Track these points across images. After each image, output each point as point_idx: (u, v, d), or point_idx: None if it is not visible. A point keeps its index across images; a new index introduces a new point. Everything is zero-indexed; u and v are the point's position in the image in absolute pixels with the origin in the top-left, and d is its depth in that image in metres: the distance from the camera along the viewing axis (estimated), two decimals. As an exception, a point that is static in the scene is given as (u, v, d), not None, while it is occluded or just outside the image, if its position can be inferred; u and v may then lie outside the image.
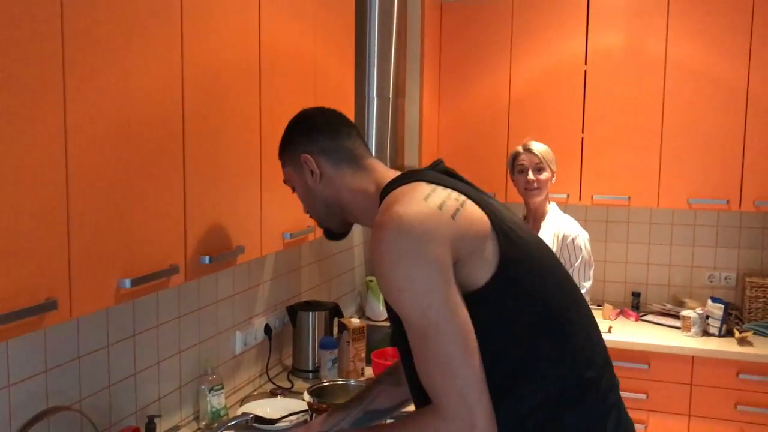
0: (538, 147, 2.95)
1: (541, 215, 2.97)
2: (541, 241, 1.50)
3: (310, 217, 1.63)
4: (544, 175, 2.92)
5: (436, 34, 3.71)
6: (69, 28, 1.21)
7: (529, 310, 1.36)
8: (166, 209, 1.51)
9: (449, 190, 1.35)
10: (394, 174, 1.49)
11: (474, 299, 1.30)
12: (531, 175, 2.92)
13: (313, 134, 1.55)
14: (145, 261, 1.44)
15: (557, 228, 2.89)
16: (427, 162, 3.49)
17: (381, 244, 1.27)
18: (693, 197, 3.45)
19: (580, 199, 3.61)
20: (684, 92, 3.42)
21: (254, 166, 1.87)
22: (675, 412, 3.32)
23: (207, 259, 1.64)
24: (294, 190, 1.61)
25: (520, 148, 2.99)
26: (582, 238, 2.88)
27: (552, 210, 2.97)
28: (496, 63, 3.69)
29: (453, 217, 1.29)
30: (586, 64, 3.56)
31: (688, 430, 3.30)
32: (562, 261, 2.81)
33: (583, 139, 3.59)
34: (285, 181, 1.63)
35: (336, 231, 1.63)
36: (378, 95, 2.97)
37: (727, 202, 3.40)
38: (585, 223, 3.95)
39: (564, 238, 2.87)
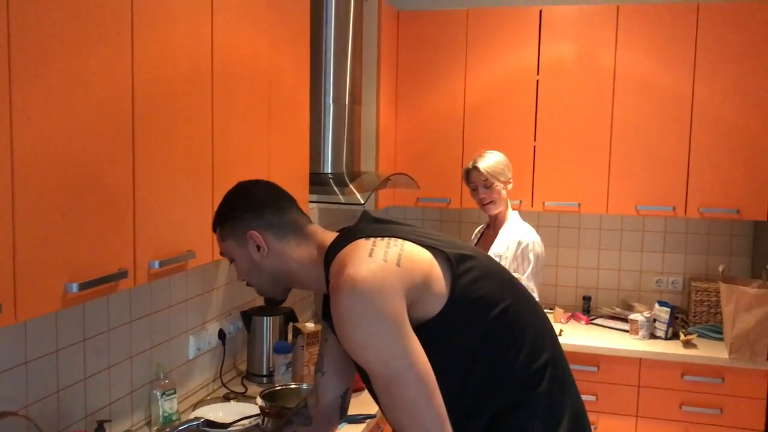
0: (484, 164, 3.03)
1: (500, 223, 3.06)
2: (481, 251, 1.63)
3: (249, 285, 1.64)
4: (495, 189, 3.01)
5: (393, 42, 3.76)
6: (15, 34, 1.21)
7: (483, 318, 1.48)
8: (115, 214, 1.51)
9: (387, 239, 1.47)
10: (332, 235, 1.58)
11: (431, 327, 1.43)
12: (482, 193, 3.03)
13: (260, 210, 1.57)
14: (93, 265, 1.45)
15: (516, 235, 2.98)
16: (384, 168, 3.54)
17: (339, 307, 1.36)
18: (641, 204, 3.55)
19: (532, 206, 3.69)
20: (632, 101, 3.53)
21: (206, 171, 1.89)
22: (623, 413, 3.41)
23: (156, 263, 1.65)
24: (232, 262, 1.62)
25: (470, 165, 3.08)
26: (537, 246, 2.95)
27: (511, 217, 3.04)
28: (451, 71, 3.76)
29: (398, 264, 1.40)
30: (538, 73, 3.65)
31: (636, 431, 3.40)
32: (515, 265, 2.91)
33: (535, 147, 3.67)
34: (222, 254, 1.63)
35: (279, 298, 1.67)
36: (334, 102, 3.00)
37: (674, 208, 3.51)
38: (537, 229, 3.99)
39: (519, 243, 2.95)
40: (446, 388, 1.48)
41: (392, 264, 1.40)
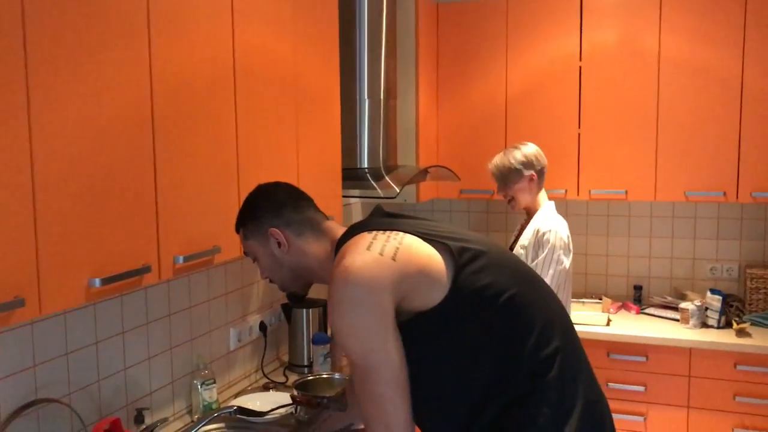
0: (492, 166, 3.08)
1: (531, 215, 3.04)
2: (495, 243, 1.66)
3: (272, 282, 1.74)
4: (507, 189, 3.04)
5: (432, 35, 3.77)
6: (32, 42, 1.30)
7: (488, 307, 1.50)
8: (137, 213, 1.60)
9: (388, 233, 1.54)
10: (344, 229, 1.66)
11: (431, 317, 1.48)
12: (500, 192, 3.09)
13: (280, 209, 1.67)
14: (116, 261, 1.54)
15: (536, 224, 2.95)
16: (425, 162, 3.56)
17: (332, 295, 1.46)
18: (690, 190, 3.46)
19: (578, 194, 3.65)
20: (678, 85, 3.44)
21: (231, 170, 1.96)
22: (674, 404, 3.33)
23: (181, 258, 1.74)
24: (255, 261, 1.72)
25: (489, 164, 3.12)
26: (553, 235, 2.90)
27: (542, 208, 3.02)
28: (492, 61, 3.74)
29: (393, 258, 1.47)
30: (581, 60, 3.59)
31: (688, 422, 3.32)
32: (534, 254, 2.90)
33: (579, 134, 3.62)
34: (245, 254, 1.74)
35: (300, 293, 1.76)
36: (369, 97, 3.05)
37: (724, 194, 3.40)
38: (586, 218, 3.99)
39: (536, 231, 2.93)
40: (452, 380, 1.51)
41: (387, 258, 1.46)
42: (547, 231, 2.89)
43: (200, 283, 2.39)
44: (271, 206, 1.68)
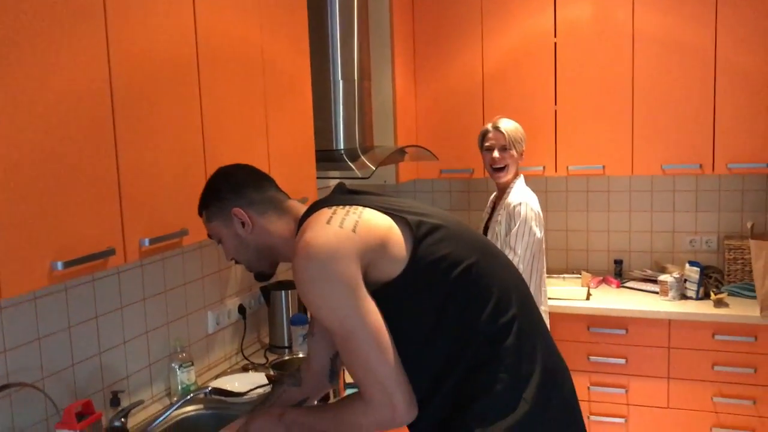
0: (505, 125, 3.04)
1: (504, 191, 3.05)
2: (452, 217, 1.69)
3: (237, 263, 1.75)
4: (510, 155, 3.02)
5: (407, 14, 3.77)
6: (-20, 32, 1.31)
7: (446, 276, 1.53)
8: (99, 197, 1.60)
9: (347, 208, 1.57)
10: (305, 207, 1.69)
11: (393, 288, 1.51)
12: (496, 153, 3.01)
13: (242, 189, 1.68)
14: (79, 244, 1.55)
15: (510, 198, 2.97)
16: (403, 142, 3.57)
17: (297, 271, 1.49)
18: (666, 163, 3.48)
19: (556, 171, 3.66)
20: (653, 59, 3.45)
21: (197, 153, 1.96)
22: (654, 375, 3.37)
23: (147, 241, 1.75)
24: (219, 243, 1.73)
25: (489, 126, 3.08)
26: (524, 207, 2.91)
27: (514, 185, 3.03)
28: (468, 39, 3.74)
29: (354, 230, 1.50)
30: (555, 36, 3.60)
31: (668, 392, 3.36)
32: (506, 228, 2.91)
33: (556, 111, 3.63)
34: (209, 236, 1.76)
35: (267, 272, 1.77)
36: (343, 78, 3.05)
37: (700, 166, 3.43)
38: (566, 194, 4.01)
39: (507, 205, 2.95)
40: (414, 349, 1.54)
41: (347, 230, 1.49)
42: (517, 204, 2.92)
43: (175, 267, 2.41)
44: (232, 187, 1.69)
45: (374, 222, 1.53)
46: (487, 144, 3.07)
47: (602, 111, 3.55)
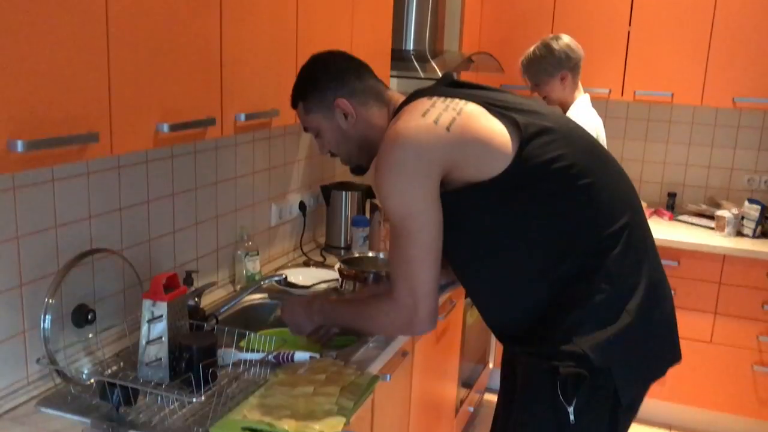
0: (522, 68, 2.97)
1: (565, 108, 2.94)
2: (563, 117, 1.59)
3: (333, 155, 1.68)
4: (541, 89, 2.95)
5: None
6: None
7: (554, 180, 1.45)
8: (203, 67, 1.54)
9: (448, 101, 1.48)
10: (404, 97, 1.60)
11: (490, 188, 1.44)
12: (531, 89, 3.01)
13: (343, 77, 1.59)
14: (183, 110, 1.49)
15: (571, 117, 2.86)
16: (468, 48, 3.44)
17: (380, 156, 1.46)
18: (739, 96, 3.35)
19: (622, 95, 3.54)
20: (739, -16, 3.28)
21: (290, 39, 1.88)
22: (701, 309, 3.35)
23: (243, 116, 1.68)
24: (317, 136, 1.65)
25: (521, 61, 3.02)
26: (587, 125, 2.79)
27: (577, 102, 2.91)
28: (543, -50, 3.56)
29: (448, 128, 1.43)
30: (637, -48, 3.42)
31: (713, 328, 3.34)
32: None
33: (629, 32, 3.48)
34: (306, 129, 1.67)
35: (366, 166, 1.70)
36: (419, -22, 2.91)
37: (775, 101, 3.30)
38: (625, 122, 3.90)
39: None
40: (509, 252, 1.48)
41: (441, 127, 1.43)
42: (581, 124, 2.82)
43: (246, 154, 2.34)
44: (333, 75, 1.60)
45: (475, 119, 1.45)
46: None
47: (678, 36, 3.40)
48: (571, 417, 1.44)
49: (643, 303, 1.48)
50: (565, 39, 2.91)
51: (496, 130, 1.45)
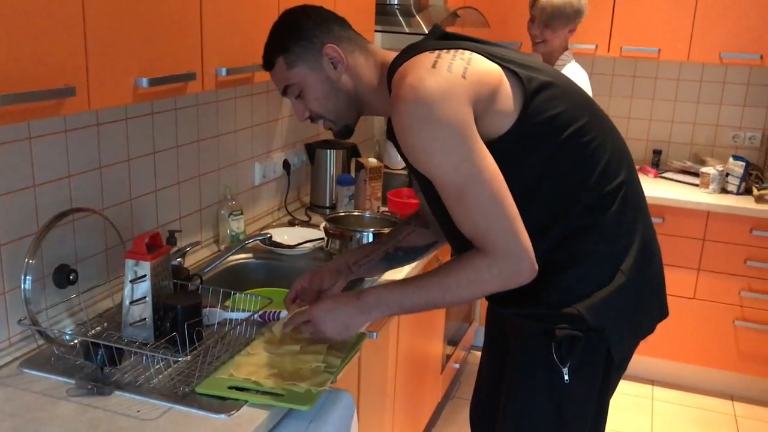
0: (549, 2, 2.80)
1: (550, 62, 2.89)
2: (558, 72, 1.54)
3: (314, 120, 1.54)
4: (551, 30, 2.82)
5: None
6: None
7: (556, 137, 1.41)
8: (183, 19, 1.49)
9: (452, 51, 1.39)
10: (394, 53, 1.50)
11: (502, 143, 1.37)
12: (534, 29, 2.86)
13: (327, 24, 1.47)
14: (162, 64, 1.44)
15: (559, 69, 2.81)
16: (453, 3, 3.38)
17: (402, 116, 1.31)
18: (725, 51, 3.33)
19: (608, 51, 3.51)
20: (728, -63, 3.23)
21: (272, -17, 1.83)
22: (685, 266, 3.37)
23: (224, 71, 1.64)
24: (298, 96, 1.50)
25: None
26: (575, 76, 2.76)
27: (562, 57, 2.87)
28: None
29: (463, 76, 1.34)
30: None
31: (696, 284, 3.37)
32: None
33: (616, -14, 3.44)
34: (286, 90, 1.50)
35: (352, 126, 1.57)
36: (403, -72, 2.84)
37: (761, 57, 3.28)
38: (611, 78, 3.88)
39: None
40: None
41: (457, 75, 1.34)
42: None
43: (228, 112, 2.30)
44: (317, 21, 1.48)
45: (484, 70, 1.38)
46: (532, 12, 2.88)
47: (666, -10, 3.36)
48: (566, 377, 1.44)
49: (636, 262, 1.47)
50: None
51: (503, 83, 1.39)
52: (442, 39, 1.49)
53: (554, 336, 1.43)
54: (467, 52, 1.40)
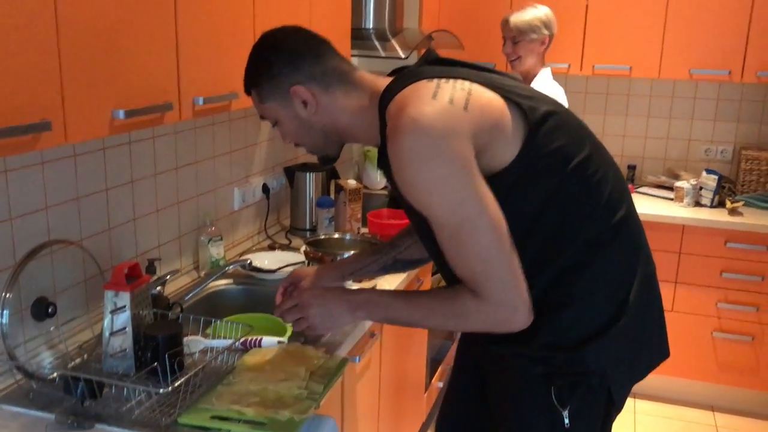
0: (516, 18, 2.96)
1: (528, 80, 2.97)
2: (558, 102, 1.47)
3: (297, 145, 1.52)
4: (522, 46, 2.95)
5: None
6: None
7: (560, 170, 1.36)
8: (159, 50, 1.50)
9: (452, 81, 1.33)
10: (386, 80, 1.43)
11: (504, 177, 1.32)
12: (507, 48, 3.00)
13: (298, 60, 1.40)
14: (138, 96, 1.45)
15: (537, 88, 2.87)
16: (427, 25, 3.42)
17: (401, 151, 1.25)
18: (695, 68, 3.40)
19: (581, 69, 3.56)
20: (694, -43, 3.31)
21: (248, 19, 1.84)
22: (662, 279, 3.38)
23: (201, 100, 1.65)
24: (275, 125, 1.48)
25: (506, 17, 3.00)
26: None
27: (540, 74, 2.94)
28: (501, -76, 3.54)
29: (465, 108, 1.28)
30: (594, -75, 3.42)
31: (674, 296, 3.42)
32: None
33: (587, 5, 3.50)
34: (263, 117, 1.49)
35: (334, 155, 1.54)
36: (376, -47, 2.87)
37: (729, 72, 3.36)
38: (585, 96, 3.93)
39: None
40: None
41: (459, 107, 1.28)
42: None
43: (206, 138, 2.30)
44: (286, 58, 1.40)
45: (486, 100, 1.32)
46: (504, 34, 3.03)
47: (635, 10, 3.43)
48: (566, 421, 1.40)
49: (636, 301, 1.41)
50: (548, 9, 3.00)
51: (505, 114, 1.33)
52: (435, 64, 1.44)
53: (554, 380, 1.40)
54: (467, 82, 1.34)
